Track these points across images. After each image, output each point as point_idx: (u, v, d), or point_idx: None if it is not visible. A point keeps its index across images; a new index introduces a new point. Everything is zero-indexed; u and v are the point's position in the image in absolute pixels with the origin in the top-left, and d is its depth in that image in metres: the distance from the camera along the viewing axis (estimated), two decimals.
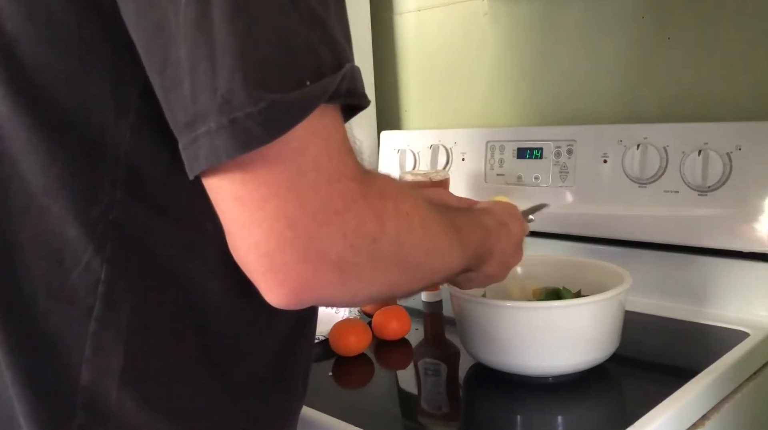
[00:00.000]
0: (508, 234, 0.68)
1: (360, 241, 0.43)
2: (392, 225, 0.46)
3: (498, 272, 0.69)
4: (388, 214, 0.45)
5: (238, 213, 0.41)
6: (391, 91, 1.48)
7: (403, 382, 0.86)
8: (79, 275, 0.45)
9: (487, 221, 0.67)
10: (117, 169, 0.45)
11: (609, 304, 0.75)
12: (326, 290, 0.44)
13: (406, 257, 0.48)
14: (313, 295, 0.44)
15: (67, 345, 0.46)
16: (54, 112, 0.44)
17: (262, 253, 0.41)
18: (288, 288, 0.42)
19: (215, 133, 0.38)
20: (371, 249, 0.44)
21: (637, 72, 1.09)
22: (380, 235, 0.45)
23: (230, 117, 0.38)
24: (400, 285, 0.50)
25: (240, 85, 0.38)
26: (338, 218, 0.42)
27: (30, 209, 0.46)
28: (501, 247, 0.67)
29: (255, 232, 0.41)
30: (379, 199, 0.45)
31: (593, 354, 0.76)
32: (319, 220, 0.41)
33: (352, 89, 0.42)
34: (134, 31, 0.42)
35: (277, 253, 0.41)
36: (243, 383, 0.52)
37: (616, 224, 1.04)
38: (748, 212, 0.91)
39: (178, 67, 0.39)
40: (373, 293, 0.48)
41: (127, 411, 0.46)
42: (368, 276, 0.46)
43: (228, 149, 0.38)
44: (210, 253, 0.48)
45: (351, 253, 0.43)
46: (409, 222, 0.48)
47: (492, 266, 0.67)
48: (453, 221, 0.58)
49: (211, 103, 0.38)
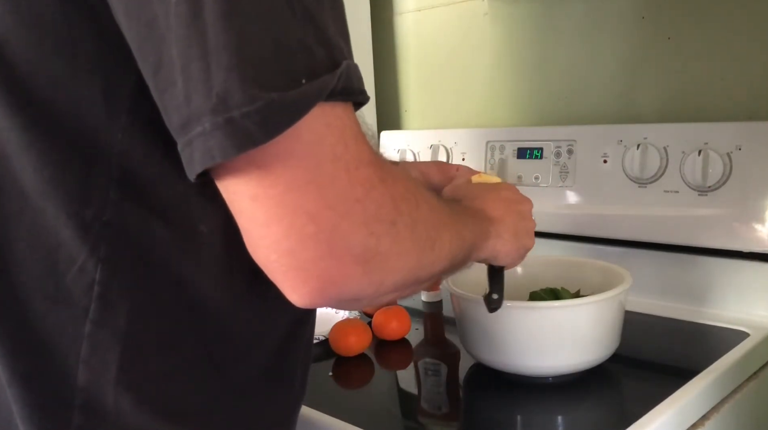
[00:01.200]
0: (495, 193, 0.67)
1: (380, 226, 0.43)
2: (404, 206, 0.46)
3: (515, 225, 0.66)
4: (400, 195, 0.45)
5: (256, 212, 0.40)
6: (391, 91, 1.48)
7: (403, 382, 0.86)
8: (74, 277, 0.45)
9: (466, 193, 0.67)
10: (110, 170, 0.45)
11: (609, 304, 0.75)
12: (352, 285, 0.43)
13: (420, 235, 0.48)
14: (339, 290, 0.43)
15: (64, 346, 0.46)
16: (46, 113, 0.44)
17: (284, 251, 0.41)
18: (312, 286, 0.42)
19: (210, 133, 0.38)
20: (391, 233, 0.44)
21: (637, 72, 1.09)
22: (397, 217, 0.44)
23: (226, 116, 0.37)
24: (421, 269, 0.49)
25: (236, 84, 0.37)
26: (359, 206, 0.41)
27: (24, 211, 0.45)
28: (493, 205, 0.65)
29: (275, 230, 0.40)
30: (394, 182, 0.45)
31: (593, 354, 0.76)
32: (340, 210, 0.41)
33: (349, 87, 0.42)
34: (127, 32, 0.41)
35: (299, 249, 0.40)
36: (240, 383, 0.52)
37: (616, 224, 1.04)
38: (748, 212, 0.91)
39: (172, 68, 0.39)
40: (398, 281, 0.47)
41: (124, 412, 0.46)
42: (391, 264, 0.45)
43: (223, 149, 0.38)
44: (205, 253, 0.48)
45: (373, 240, 0.43)
46: (416, 200, 0.48)
47: (502, 226, 0.64)
48: (442, 197, 0.57)
49: (206, 103, 0.38)
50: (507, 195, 0.69)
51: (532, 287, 0.84)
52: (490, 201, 0.66)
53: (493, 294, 0.70)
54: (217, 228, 0.47)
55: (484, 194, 0.67)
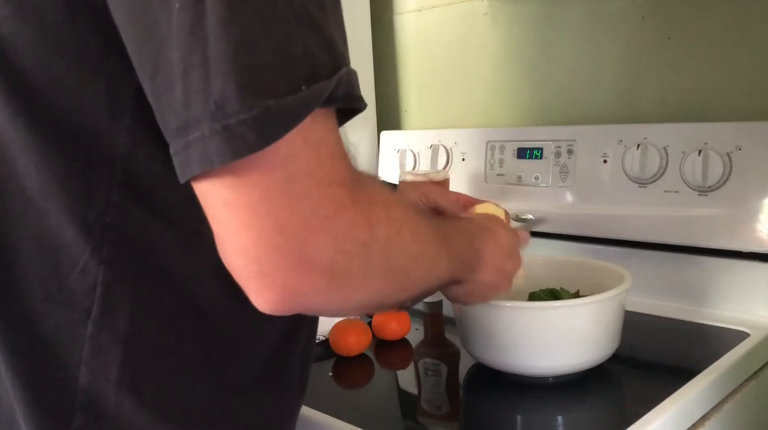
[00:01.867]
0: (494, 238, 0.66)
1: (351, 246, 0.43)
2: (382, 231, 0.45)
3: (495, 279, 0.66)
4: (378, 219, 0.45)
5: (228, 218, 0.41)
6: (391, 91, 1.48)
7: (403, 382, 0.86)
8: (76, 278, 0.45)
9: (471, 228, 0.65)
10: (113, 171, 0.45)
11: (609, 304, 0.75)
12: (315, 297, 0.43)
13: (395, 263, 0.48)
14: (302, 301, 0.43)
15: (66, 347, 0.46)
16: (49, 114, 0.44)
17: (251, 258, 0.41)
18: (276, 294, 0.42)
19: (208, 138, 0.38)
20: (362, 255, 0.44)
21: (637, 72, 1.09)
22: (371, 240, 0.44)
23: (223, 123, 0.38)
24: (388, 293, 0.50)
25: (233, 92, 0.38)
26: (329, 224, 0.42)
27: (27, 212, 0.46)
28: (490, 252, 0.64)
29: (244, 237, 0.40)
30: (369, 205, 0.45)
31: (593, 354, 0.76)
32: (309, 226, 0.41)
33: (348, 93, 0.42)
34: (125, 35, 0.41)
35: (266, 259, 0.41)
36: (240, 383, 0.52)
37: (616, 224, 1.04)
38: (748, 212, 0.91)
39: (170, 72, 0.39)
40: (361, 301, 0.47)
41: (125, 412, 0.46)
42: (358, 283, 0.45)
43: (221, 155, 0.38)
44: (207, 254, 0.47)
45: (342, 259, 0.43)
46: (398, 228, 0.48)
47: (486, 273, 0.64)
48: (439, 227, 0.57)
49: (205, 109, 0.38)
50: (504, 243, 0.67)
51: (532, 288, 0.84)
52: (489, 248, 0.64)
53: None
54: None
55: (485, 235, 0.65)
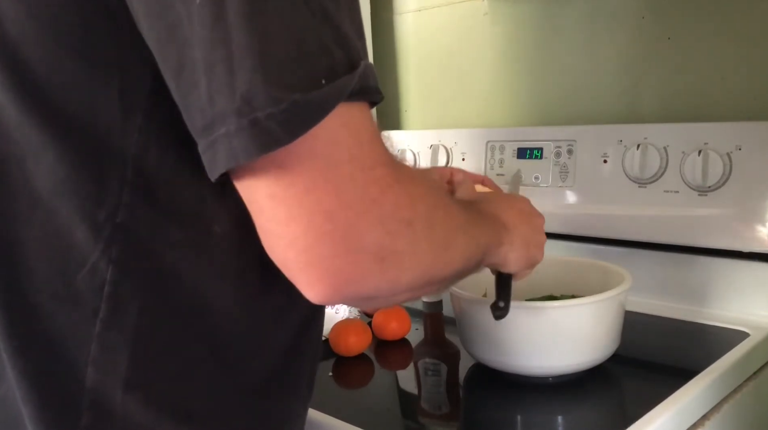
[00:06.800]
0: (509, 201, 0.68)
1: (396, 225, 0.43)
2: (422, 207, 0.46)
3: (530, 232, 0.66)
4: (419, 195, 0.46)
5: (276, 211, 0.41)
6: (391, 91, 1.48)
7: (403, 382, 0.86)
8: (84, 277, 0.45)
9: (487, 196, 0.67)
10: (125, 171, 0.45)
11: (609, 304, 0.75)
12: (367, 282, 0.44)
13: (437, 236, 0.48)
14: (354, 288, 0.43)
15: (73, 346, 0.46)
16: (61, 114, 0.44)
17: (301, 248, 0.41)
18: (328, 283, 0.42)
19: (234, 134, 0.38)
20: (407, 233, 0.44)
21: (637, 72, 1.09)
22: (414, 217, 0.45)
23: (250, 118, 0.38)
24: (435, 269, 0.49)
25: (260, 86, 0.38)
26: (375, 206, 0.42)
27: (37, 211, 0.45)
28: (513, 212, 0.65)
29: (294, 228, 0.41)
30: (411, 182, 0.45)
31: (593, 354, 0.76)
32: (357, 209, 0.41)
33: (366, 86, 0.43)
34: (147, 34, 0.41)
35: (316, 247, 0.41)
36: (248, 384, 0.52)
37: (616, 224, 1.04)
38: (748, 212, 0.91)
39: (194, 70, 0.39)
40: (411, 281, 0.47)
41: (132, 412, 0.46)
42: (406, 262, 0.45)
43: (247, 150, 0.38)
44: (217, 255, 0.48)
45: (389, 239, 0.43)
46: (434, 202, 0.48)
47: (521, 228, 0.65)
48: (459, 201, 0.58)
49: (230, 104, 0.38)
50: (522, 206, 0.69)
51: (532, 287, 0.84)
52: (505, 209, 0.66)
53: (500, 302, 0.70)
54: (230, 229, 0.47)
55: (499, 201, 0.68)
